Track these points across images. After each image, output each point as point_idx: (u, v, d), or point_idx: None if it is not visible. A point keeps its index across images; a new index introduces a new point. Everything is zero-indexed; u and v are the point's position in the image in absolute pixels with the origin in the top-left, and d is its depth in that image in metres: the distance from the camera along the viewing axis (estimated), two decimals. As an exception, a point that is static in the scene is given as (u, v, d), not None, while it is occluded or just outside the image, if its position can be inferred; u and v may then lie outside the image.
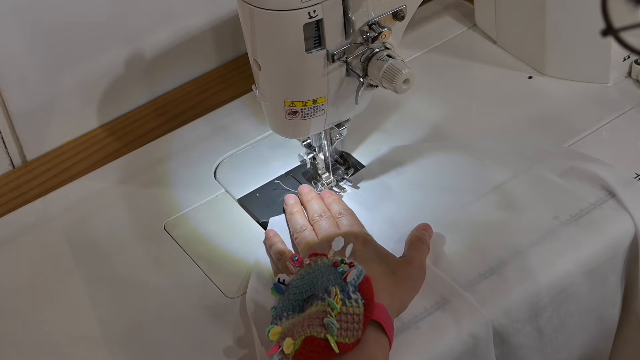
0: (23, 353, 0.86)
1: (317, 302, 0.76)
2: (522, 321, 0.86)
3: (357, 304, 0.75)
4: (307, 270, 0.80)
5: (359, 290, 0.76)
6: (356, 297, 0.75)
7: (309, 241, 0.89)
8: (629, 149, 0.98)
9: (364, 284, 0.77)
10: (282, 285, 0.80)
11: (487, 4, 1.13)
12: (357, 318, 0.74)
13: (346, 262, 0.79)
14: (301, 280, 0.80)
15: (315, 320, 0.74)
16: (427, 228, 0.89)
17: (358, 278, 0.77)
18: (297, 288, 0.79)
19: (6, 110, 1.05)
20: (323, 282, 0.78)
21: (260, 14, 0.79)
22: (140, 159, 1.05)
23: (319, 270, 0.79)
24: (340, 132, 0.93)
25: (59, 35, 1.04)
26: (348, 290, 0.76)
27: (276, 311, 0.79)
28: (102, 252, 0.95)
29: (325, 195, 0.95)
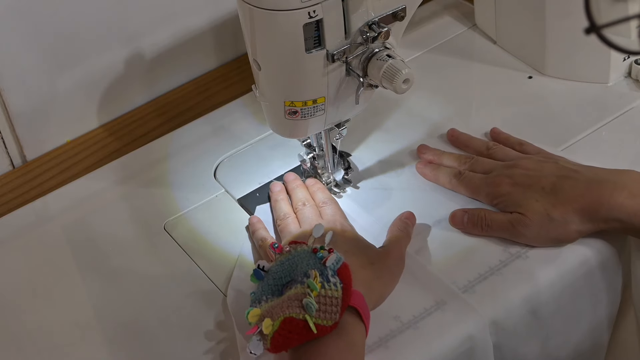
0: (23, 353, 0.86)
1: (296, 285, 0.78)
2: (521, 322, 0.86)
3: (336, 287, 0.76)
4: (287, 256, 0.81)
5: (338, 275, 0.77)
6: (335, 280, 0.76)
7: (291, 229, 0.90)
8: (629, 149, 0.98)
9: (342, 269, 0.78)
10: (262, 272, 0.81)
11: (487, 4, 1.13)
12: (335, 301, 0.75)
13: (325, 249, 0.80)
14: (281, 266, 0.81)
15: (294, 302, 0.76)
16: (410, 217, 0.90)
17: (337, 263, 0.78)
18: (277, 273, 0.80)
19: (6, 110, 1.05)
20: (302, 267, 0.79)
21: (260, 14, 0.79)
22: (140, 159, 1.05)
23: (298, 257, 0.80)
24: (340, 132, 0.93)
25: (58, 35, 1.04)
26: (327, 274, 0.77)
27: (255, 295, 0.80)
28: (102, 252, 0.95)
29: (310, 184, 0.96)
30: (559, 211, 0.85)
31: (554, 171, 0.88)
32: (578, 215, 0.85)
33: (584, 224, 0.85)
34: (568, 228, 0.85)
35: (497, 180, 0.90)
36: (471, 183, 0.92)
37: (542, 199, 0.86)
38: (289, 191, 0.96)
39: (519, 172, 0.89)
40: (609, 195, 0.84)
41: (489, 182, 0.90)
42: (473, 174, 0.93)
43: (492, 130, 0.99)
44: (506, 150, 0.95)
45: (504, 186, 0.89)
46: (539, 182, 0.87)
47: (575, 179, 0.86)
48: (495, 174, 0.91)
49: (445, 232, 0.91)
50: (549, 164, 0.89)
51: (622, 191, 0.84)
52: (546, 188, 0.86)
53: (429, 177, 0.96)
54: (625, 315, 0.93)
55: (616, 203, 0.83)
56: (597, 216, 0.84)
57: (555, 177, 0.87)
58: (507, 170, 0.90)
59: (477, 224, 0.89)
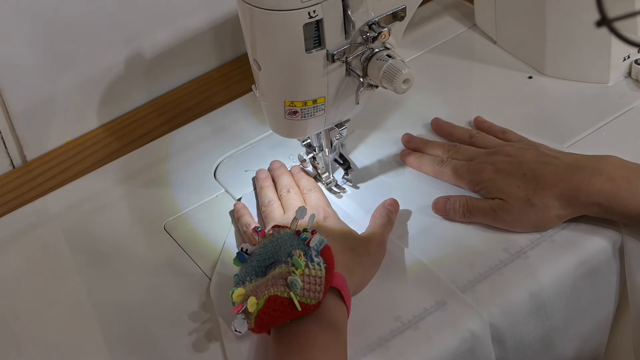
0: (23, 353, 0.86)
1: (280, 265, 0.79)
2: (521, 321, 0.86)
3: (319, 267, 0.77)
4: (270, 239, 0.82)
5: (321, 255, 0.78)
6: (318, 260, 0.78)
7: (275, 215, 0.91)
8: (629, 149, 0.98)
9: (325, 251, 0.79)
10: (245, 254, 0.82)
11: (487, 4, 1.13)
12: (319, 280, 0.76)
13: (308, 231, 0.80)
14: (264, 248, 0.82)
15: (279, 280, 0.76)
16: (394, 204, 0.92)
17: (320, 244, 0.79)
18: (260, 255, 0.81)
19: (6, 110, 1.05)
20: (286, 248, 0.80)
21: (260, 14, 0.79)
22: (140, 159, 1.05)
23: (282, 239, 0.81)
24: (340, 132, 0.93)
25: (58, 35, 1.04)
26: (311, 254, 0.78)
27: (239, 277, 0.81)
28: (102, 252, 0.95)
29: (295, 171, 0.97)
30: (539, 197, 0.86)
31: (535, 157, 0.89)
32: (558, 201, 0.86)
33: (564, 209, 0.86)
34: (548, 213, 0.87)
35: (479, 167, 0.91)
36: (454, 170, 0.93)
37: (523, 185, 0.87)
38: (274, 178, 0.97)
39: (501, 159, 0.90)
40: (587, 180, 0.85)
41: (471, 169, 0.92)
42: (456, 162, 0.94)
43: (476, 119, 1.01)
44: (488, 138, 0.97)
45: (486, 173, 0.90)
46: (520, 169, 0.89)
47: (555, 165, 0.88)
48: (477, 161, 0.92)
49: (445, 232, 0.91)
50: (530, 151, 0.91)
51: (600, 176, 0.85)
52: (527, 174, 0.88)
53: (413, 165, 0.97)
54: (622, 315, 0.93)
55: (595, 187, 0.85)
56: (576, 201, 0.86)
57: (536, 164, 0.88)
58: (489, 157, 0.92)
59: (459, 211, 0.90)
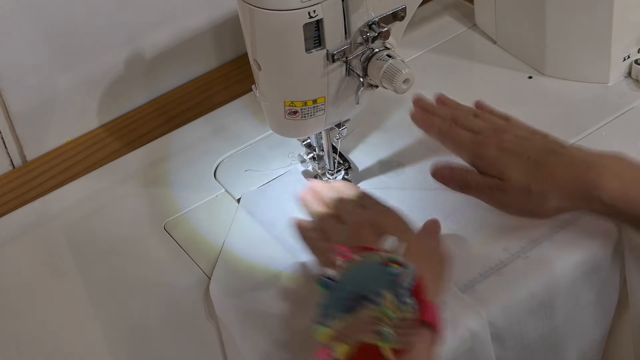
0: (23, 353, 0.86)
1: (368, 304, 0.73)
2: (521, 321, 0.86)
3: (412, 308, 0.73)
4: (356, 266, 0.77)
5: (412, 293, 0.74)
6: (411, 302, 0.73)
7: (338, 228, 0.86)
8: (629, 149, 0.97)
9: (417, 286, 0.74)
10: (330, 281, 0.76)
11: (487, 4, 1.13)
12: (409, 323, 0.72)
13: (397, 262, 0.75)
14: (350, 277, 0.76)
15: (367, 326, 0.72)
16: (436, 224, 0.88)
17: (411, 281, 0.74)
18: (346, 285, 0.75)
19: (6, 110, 1.05)
20: (374, 283, 0.74)
21: (260, 14, 0.79)
22: (140, 159, 1.05)
23: (368, 268, 0.76)
24: (340, 132, 0.93)
25: (59, 35, 1.04)
26: (402, 295, 0.73)
27: (324, 310, 0.75)
28: (102, 252, 0.95)
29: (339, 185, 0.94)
30: (539, 184, 0.83)
31: (543, 144, 0.87)
32: (558, 192, 0.83)
33: (563, 201, 0.83)
34: (545, 203, 0.84)
35: (485, 140, 0.88)
36: (459, 138, 0.90)
37: (525, 169, 0.84)
38: (321, 197, 0.93)
39: (508, 138, 0.88)
40: (593, 174, 0.82)
41: (477, 140, 0.88)
42: (462, 130, 0.90)
43: (477, 102, 0.96)
44: (495, 118, 0.93)
45: (490, 148, 0.87)
46: (526, 151, 0.86)
47: (561, 155, 0.85)
48: (484, 135, 0.89)
49: (445, 232, 0.91)
50: (539, 136, 0.89)
51: (606, 172, 0.82)
52: (531, 158, 0.85)
53: (421, 124, 0.93)
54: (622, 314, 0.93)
55: (599, 183, 0.82)
56: (578, 194, 0.83)
57: (542, 150, 0.86)
58: (496, 134, 0.89)
59: (457, 182, 0.88)
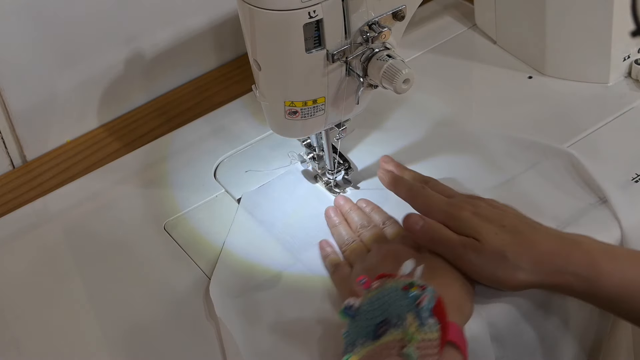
0: (23, 353, 0.86)
1: (391, 330, 0.74)
2: (520, 321, 0.86)
3: (434, 328, 0.73)
4: (376, 294, 0.77)
5: (433, 314, 0.74)
6: (432, 322, 0.74)
7: (359, 252, 0.88)
8: (629, 149, 0.98)
9: (437, 306, 0.75)
10: (352, 311, 0.77)
11: (487, 4, 1.13)
12: (434, 343, 0.73)
13: (417, 285, 0.76)
14: (371, 305, 0.77)
15: (392, 350, 0.72)
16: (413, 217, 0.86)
17: (431, 302, 0.74)
18: (368, 313, 0.76)
19: (6, 110, 1.05)
20: (395, 308, 0.75)
21: (260, 14, 0.79)
22: (140, 159, 1.05)
23: (389, 295, 0.77)
24: (340, 132, 0.93)
25: (58, 35, 1.04)
26: (423, 317, 0.74)
27: (349, 338, 0.76)
28: (102, 252, 0.95)
29: (362, 205, 0.94)
30: (515, 252, 0.81)
31: (517, 216, 0.85)
32: (532, 263, 0.80)
33: (535, 274, 0.80)
34: (516, 274, 0.81)
35: (459, 204, 0.86)
36: (431, 199, 0.87)
37: (502, 235, 0.82)
38: (344, 214, 0.94)
39: (483, 205, 0.86)
40: (568, 248, 0.81)
41: (451, 202, 0.86)
42: (434, 192, 0.89)
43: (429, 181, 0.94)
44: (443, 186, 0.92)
45: (465, 211, 0.84)
46: (501, 220, 0.83)
47: (536, 228, 0.83)
48: (457, 199, 0.87)
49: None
50: (513, 211, 0.86)
51: (580, 246, 0.81)
52: (507, 227, 0.82)
53: (387, 184, 0.92)
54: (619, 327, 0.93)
55: (574, 257, 0.80)
56: (551, 267, 0.80)
57: (518, 220, 0.84)
58: (470, 200, 0.87)
59: (429, 234, 0.84)
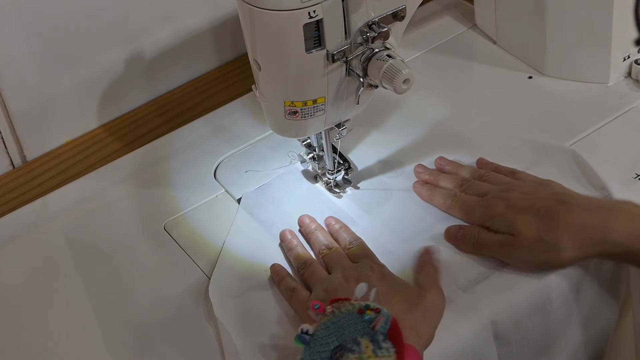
0: (23, 353, 0.86)
1: (347, 354, 0.74)
2: (523, 319, 0.86)
3: (389, 352, 0.73)
4: (331, 319, 0.77)
5: (388, 337, 0.74)
6: (387, 345, 0.73)
7: (319, 274, 0.87)
8: (629, 149, 0.98)
9: (392, 329, 0.74)
10: (307, 336, 0.76)
11: (487, 4, 1.13)
12: None
13: (371, 308, 0.76)
14: (326, 330, 0.76)
15: None
16: (431, 252, 0.87)
17: (386, 324, 0.74)
18: (323, 339, 0.76)
19: (6, 110, 1.05)
20: (350, 332, 0.75)
21: (260, 14, 0.79)
22: (140, 159, 1.05)
23: (344, 319, 0.76)
24: (340, 132, 0.93)
25: (59, 35, 1.04)
26: (378, 340, 0.73)
27: None
28: (102, 252, 0.95)
29: (331, 223, 0.93)
30: (552, 235, 0.83)
31: (550, 195, 0.86)
32: (572, 240, 0.82)
33: (578, 250, 0.83)
34: (559, 254, 0.83)
35: (492, 202, 0.88)
36: (465, 205, 0.90)
37: (536, 222, 0.84)
38: (307, 235, 0.93)
39: (515, 195, 0.87)
40: (605, 218, 0.82)
41: (483, 204, 0.89)
42: (468, 196, 0.91)
43: (479, 160, 0.97)
44: (500, 176, 0.93)
45: (498, 208, 0.87)
46: (534, 205, 0.85)
47: (571, 204, 0.84)
48: (490, 196, 0.89)
49: (445, 232, 0.91)
50: (545, 189, 0.88)
51: (618, 214, 0.82)
52: (541, 211, 0.84)
53: (425, 197, 0.94)
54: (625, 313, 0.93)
55: (612, 226, 0.81)
56: (591, 240, 0.82)
57: (551, 201, 0.85)
58: (503, 193, 0.88)
59: (469, 241, 0.88)
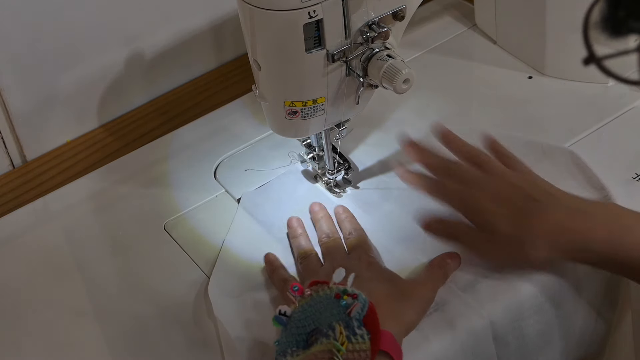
0: (23, 353, 0.86)
1: (321, 339, 0.74)
2: (522, 319, 0.86)
3: (363, 339, 0.73)
4: (309, 301, 0.78)
5: (364, 323, 0.74)
6: (361, 332, 0.73)
7: (313, 267, 0.87)
8: (629, 149, 0.98)
9: (368, 315, 0.75)
10: (284, 317, 0.78)
11: (487, 4, 1.13)
12: (364, 354, 0.72)
13: (349, 294, 0.76)
14: (303, 312, 0.77)
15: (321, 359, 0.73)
16: (454, 257, 0.87)
17: (362, 311, 0.75)
18: (300, 321, 0.77)
19: (6, 110, 1.05)
20: (326, 317, 0.75)
21: (260, 14, 0.79)
22: (140, 159, 1.05)
23: (321, 303, 0.77)
24: (340, 132, 0.93)
25: (59, 35, 1.04)
26: (353, 326, 0.74)
27: (280, 346, 0.77)
28: (102, 252, 0.95)
29: (339, 212, 0.94)
30: (527, 233, 0.82)
31: (534, 193, 0.85)
32: (548, 242, 0.81)
33: (553, 252, 0.82)
34: (533, 253, 0.82)
35: (473, 193, 0.86)
36: (448, 193, 0.88)
37: (514, 218, 0.83)
38: (314, 222, 0.94)
39: (497, 189, 0.86)
40: (585, 224, 0.81)
41: (465, 193, 0.87)
42: (451, 185, 0.89)
43: (489, 139, 0.94)
44: (493, 162, 0.91)
45: (479, 200, 0.85)
46: (516, 202, 0.84)
47: (552, 205, 0.83)
48: (472, 187, 0.87)
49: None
50: (529, 185, 0.86)
51: (597, 220, 0.81)
52: (523, 208, 0.83)
53: (409, 182, 0.92)
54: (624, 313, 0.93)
55: (592, 233, 0.80)
56: (568, 245, 0.81)
57: (533, 200, 0.84)
58: (486, 184, 0.87)
59: (445, 233, 0.87)
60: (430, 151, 0.92)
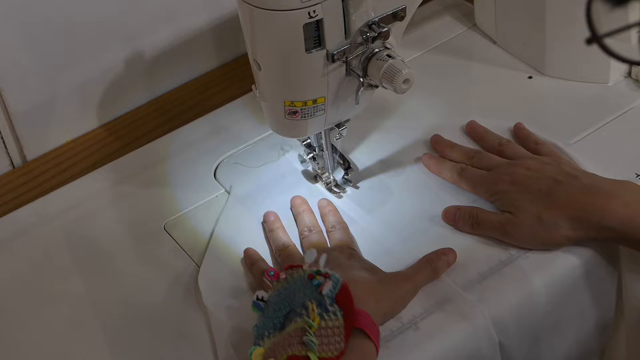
0: (23, 353, 0.86)
1: (295, 318, 0.75)
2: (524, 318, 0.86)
3: (336, 316, 0.74)
4: (284, 284, 0.79)
5: (337, 301, 0.75)
6: (334, 309, 0.74)
7: (294, 260, 0.87)
8: (629, 149, 0.98)
9: (341, 293, 0.75)
10: (262, 302, 0.79)
11: (487, 4, 1.13)
12: (337, 331, 0.73)
13: (322, 274, 0.77)
14: (278, 296, 0.78)
15: (295, 338, 0.73)
16: (448, 253, 0.87)
17: (335, 289, 0.75)
18: (276, 304, 0.78)
19: (6, 110, 1.05)
20: (300, 297, 0.76)
21: (260, 14, 0.79)
22: (140, 159, 1.05)
23: (295, 284, 0.78)
24: (340, 132, 0.93)
25: (58, 35, 1.04)
26: (325, 304, 0.74)
27: (257, 330, 0.78)
28: (102, 252, 0.95)
29: (322, 205, 0.94)
30: (550, 214, 0.85)
31: (554, 174, 0.88)
32: (569, 221, 0.85)
33: (575, 230, 0.85)
34: (557, 233, 0.85)
35: (496, 177, 0.90)
36: (472, 178, 0.92)
37: (536, 201, 0.86)
38: (295, 215, 0.94)
39: (520, 172, 0.89)
40: (602, 202, 0.84)
41: (489, 178, 0.91)
42: (475, 170, 0.93)
43: (516, 125, 0.99)
44: (517, 148, 0.95)
45: (502, 184, 0.89)
46: (537, 184, 0.87)
47: (572, 185, 0.86)
48: (496, 171, 0.91)
49: (445, 231, 0.91)
50: (551, 167, 0.89)
51: (616, 199, 0.84)
52: (542, 190, 0.86)
53: (433, 170, 0.96)
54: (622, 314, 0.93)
55: (609, 210, 0.83)
56: (588, 223, 0.84)
57: (553, 181, 0.87)
58: (509, 169, 0.90)
59: (468, 222, 0.89)
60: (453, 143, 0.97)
